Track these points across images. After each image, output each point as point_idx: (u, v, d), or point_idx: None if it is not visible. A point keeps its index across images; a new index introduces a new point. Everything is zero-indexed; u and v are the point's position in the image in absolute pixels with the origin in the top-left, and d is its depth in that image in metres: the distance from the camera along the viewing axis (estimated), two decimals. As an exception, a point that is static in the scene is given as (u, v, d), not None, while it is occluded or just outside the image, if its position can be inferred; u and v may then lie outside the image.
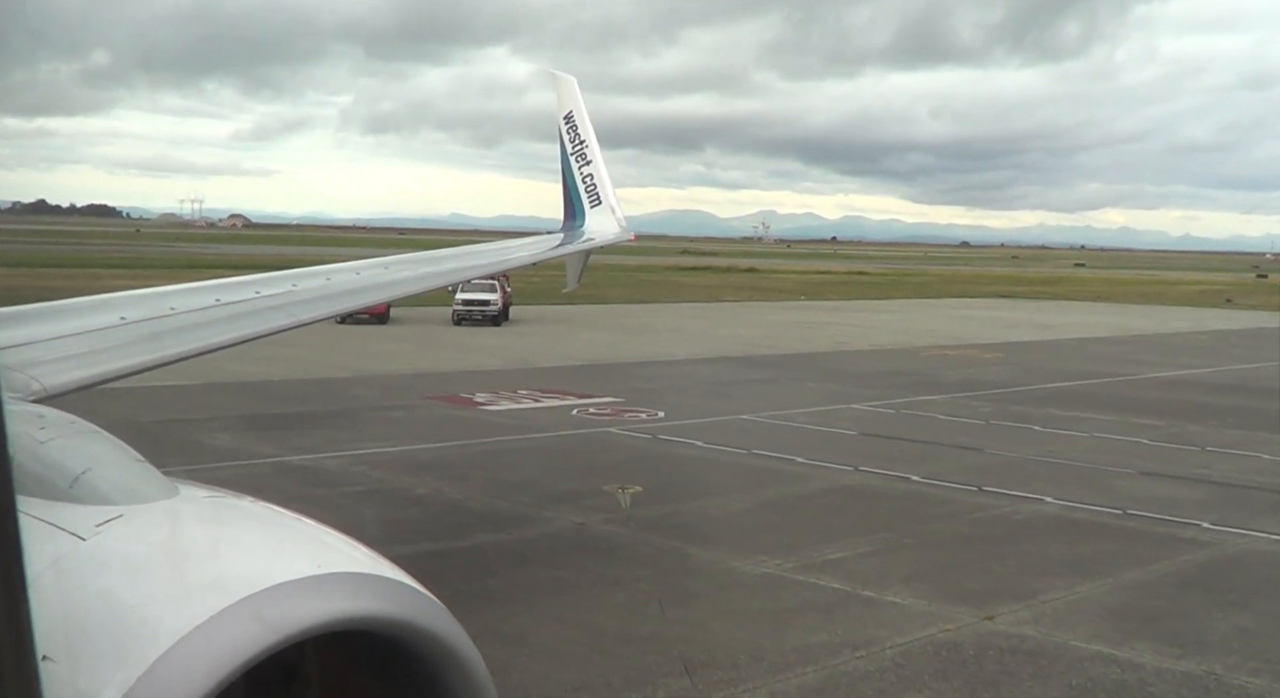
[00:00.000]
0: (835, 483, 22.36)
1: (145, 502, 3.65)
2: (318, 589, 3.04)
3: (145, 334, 8.83)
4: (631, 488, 21.13)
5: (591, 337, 53.96)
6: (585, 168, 21.83)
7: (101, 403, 27.86)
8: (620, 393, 34.11)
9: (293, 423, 27.46)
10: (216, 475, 21.06)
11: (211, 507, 3.81)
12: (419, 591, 3.30)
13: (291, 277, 11.95)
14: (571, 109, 22.48)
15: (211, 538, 3.56)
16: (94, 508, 3.56)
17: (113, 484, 3.75)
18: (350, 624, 3.05)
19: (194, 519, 3.66)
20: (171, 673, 2.76)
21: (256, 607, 2.92)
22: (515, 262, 20.51)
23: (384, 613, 3.10)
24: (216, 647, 2.82)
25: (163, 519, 3.55)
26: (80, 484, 3.73)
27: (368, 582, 3.18)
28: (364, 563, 3.31)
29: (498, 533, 17.92)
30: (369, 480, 21.40)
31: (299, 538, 3.57)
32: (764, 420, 30.00)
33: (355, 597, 3.07)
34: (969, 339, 58.47)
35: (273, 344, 43.28)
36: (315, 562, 3.16)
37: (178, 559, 3.31)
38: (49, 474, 3.78)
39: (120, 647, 2.84)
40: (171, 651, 2.80)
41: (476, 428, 27.61)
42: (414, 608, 3.21)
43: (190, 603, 2.93)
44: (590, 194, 21.63)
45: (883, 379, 39.83)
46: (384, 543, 13.30)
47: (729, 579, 15.81)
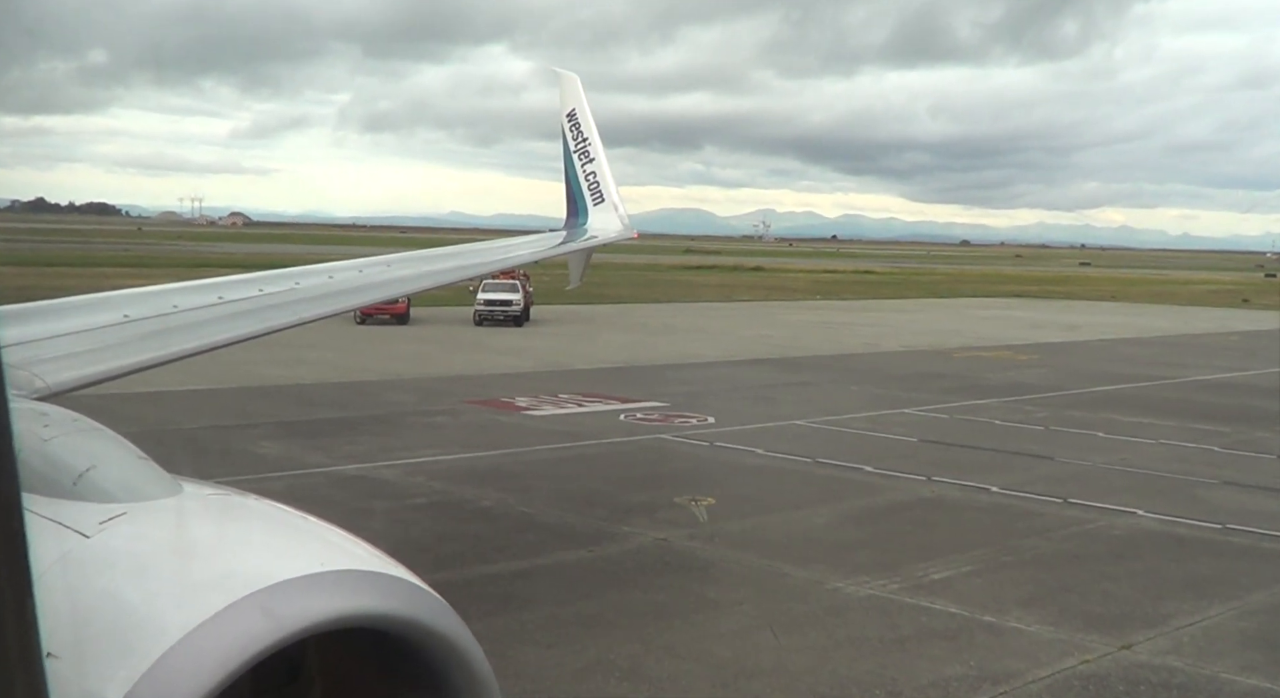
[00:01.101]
0: (913, 495, 21.43)
1: (149, 499, 3.61)
2: (322, 586, 3.01)
3: (148, 332, 8.82)
4: (705, 500, 20.21)
5: (616, 338, 53.01)
6: (588, 165, 21.77)
7: (138, 408, 27.15)
8: (662, 397, 33.20)
9: (336, 430, 26.51)
10: (270, 488, 20.14)
11: (215, 504, 3.77)
12: (423, 588, 3.28)
13: (294, 275, 11.86)
14: (574, 106, 22.38)
15: (215, 535, 3.52)
16: (98, 505, 3.53)
17: (116, 482, 3.71)
18: (354, 621, 3.02)
19: (198, 517, 3.64)
20: (175, 670, 2.73)
21: (260, 604, 2.90)
22: (518, 259, 20.20)
23: (388, 610, 3.08)
24: (220, 644, 2.80)
25: (166, 517, 3.53)
26: (84, 482, 3.70)
27: (372, 579, 3.16)
28: (368, 561, 3.29)
29: (579, 550, 16.98)
30: (430, 492, 20.45)
31: (303, 535, 3.54)
32: (818, 426, 29.07)
33: (359, 594, 3.05)
34: (998, 340, 57.56)
35: (298, 347, 42.74)
36: (319, 559, 3.13)
37: (181, 556, 3.28)
38: (53, 472, 3.74)
39: (124, 644, 2.82)
40: (175, 647, 2.77)
41: (525, 435, 26.67)
42: (418, 606, 3.18)
43: (194, 600, 2.91)
44: (593, 192, 21.58)
45: (924, 382, 38.91)
46: (465, 562, 12.35)
47: (835, 602, 14.87)
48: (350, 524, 14.86)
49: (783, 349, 49.45)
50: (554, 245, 20.77)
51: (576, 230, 21.29)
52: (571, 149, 22.12)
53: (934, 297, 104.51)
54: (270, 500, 3.85)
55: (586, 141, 22.00)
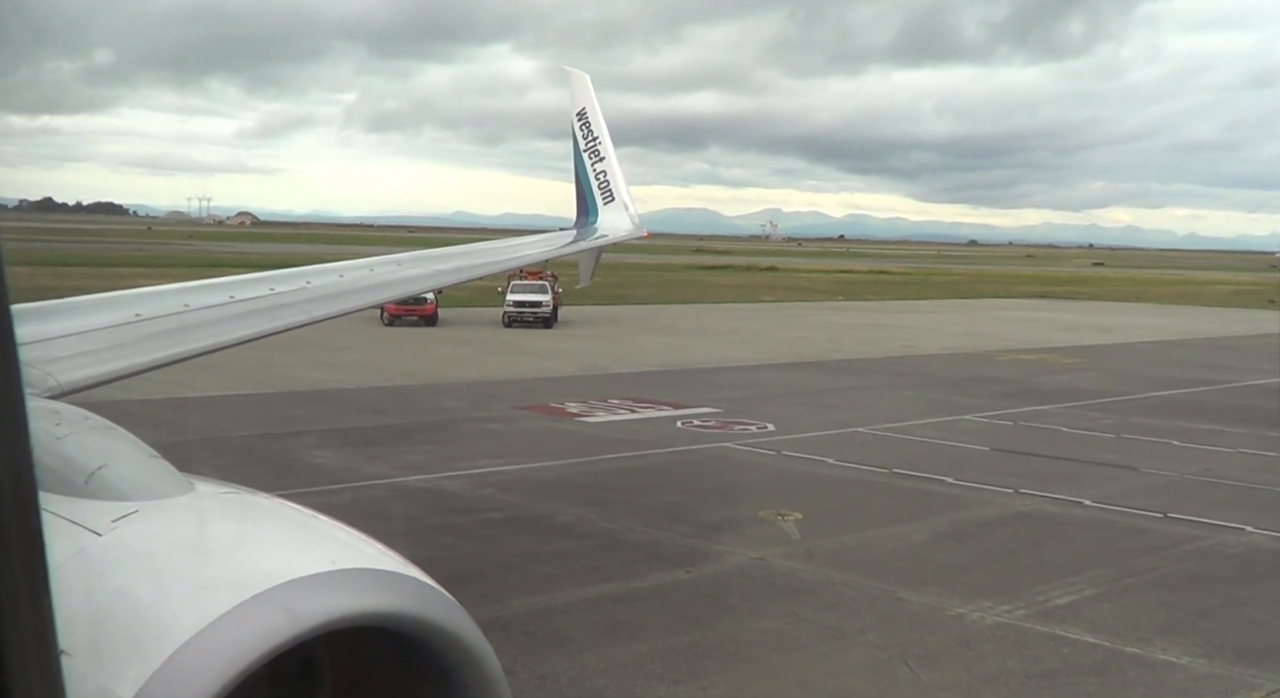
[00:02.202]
0: (1006, 509, 20.46)
1: (161, 498, 3.60)
2: (333, 585, 2.99)
3: (160, 331, 8.79)
4: (791, 515, 19.27)
5: (650, 340, 52.08)
6: (598, 164, 21.67)
7: (184, 415, 26.17)
8: (713, 402, 32.25)
9: (390, 438, 25.58)
10: (335, 501, 19.24)
11: (227, 503, 3.75)
12: (434, 587, 3.25)
13: (305, 274, 11.87)
14: (584, 105, 22.28)
15: (227, 534, 3.51)
16: (110, 504, 3.52)
17: (129, 480, 3.71)
18: (365, 620, 3.00)
19: (209, 515, 3.63)
20: (187, 668, 2.72)
21: (272, 602, 2.87)
22: (529, 258, 19.82)
23: (399, 609, 3.07)
24: (232, 642, 2.77)
25: (178, 515, 3.52)
26: (96, 480, 3.70)
27: (383, 578, 3.13)
28: (379, 559, 3.26)
29: (675, 571, 16.03)
30: (503, 506, 19.52)
31: (314, 534, 3.51)
32: (882, 434, 28.11)
33: (370, 592, 3.04)
34: (1036, 343, 56.54)
35: (332, 349, 41.88)
36: (330, 558, 3.11)
37: (193, 555, 3.26)
38: (65, 470, 3.73)
39: (136, 641, 2.80)
40: (187, 645, 2.76)
41: (585, 443, 25.73)
42: (429, 604, 3.16)
43: (206, 598, 2.88)
44: (603, 191, 21.47)
45: (976, 387, 37.93)
46: (559, 584, 11.40)
47: (964, 631, 13.90)
48: (431, 543, 13.68)
49: (821, 352, 48.48)
50: (564, 244, 20.69)
51: (587, 229, 21.17)
52: (582, 148, 22.01)
53: (956, 297, 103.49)
54: (281, 499, 3.78)
55: (597, 140, 21.91)
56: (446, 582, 11.76)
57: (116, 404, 25.92)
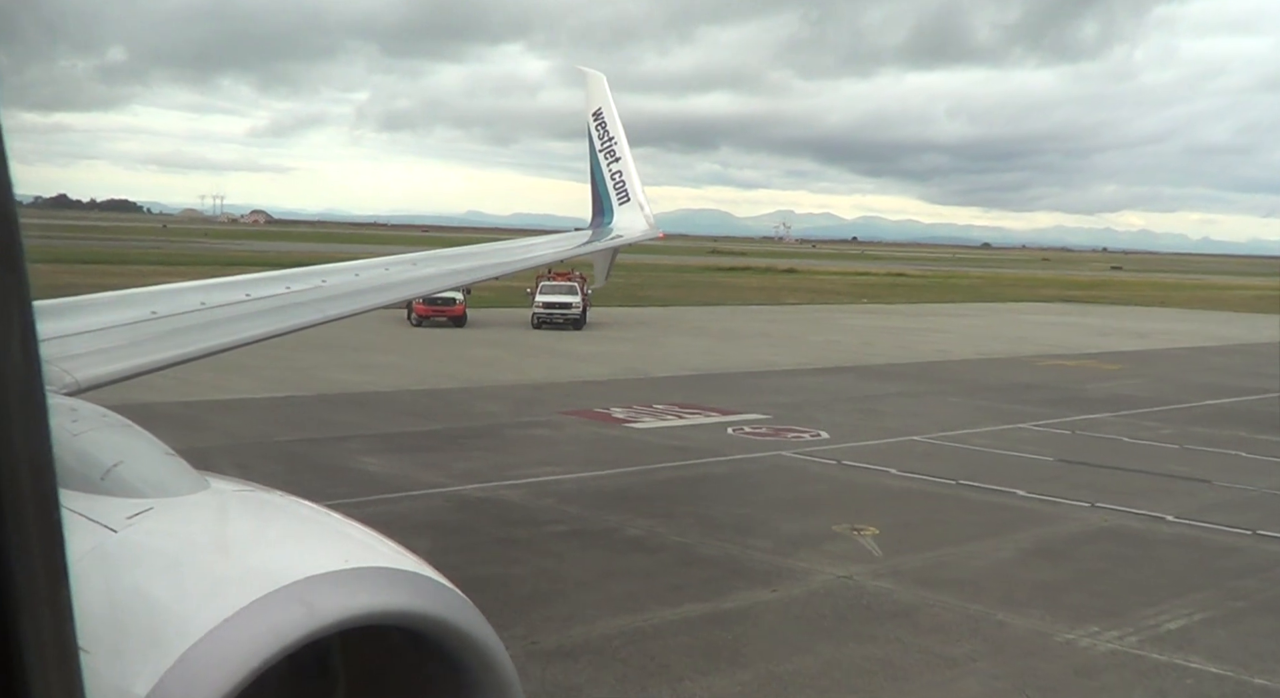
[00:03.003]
0: (1088, 524, 19.68)
1: (176, 495, 3.60)
2: (347, 583, 2.97)
3: (177, 329, 8.83)
4: (867, 529, 18.53)
5: (682, 343, 51.32)
6: (614, 165, 21.66)
7: (222, 417, 25.48)
8: (759, 408, 31.51)
9: (437, 443, 24.88)
10: (393, 511, 18.56)
11: (241, 501, 3.72)
12: (447, 586, 3.22)
13: (320, 272, 11.95)
14: (600, 106, 22.28)
15: (241, 532, 3.48)
16: (125, 501, 3.53)
17: (144, 477, 3.71)
18: (380, 619, 2.98)
19: (224, 513, 3.62)
20: (201, 665, 2.72)
21: (285, 600, 2.86)
22: (544, 258, 19.87)
23: (413, 608, 3.04)
24: (245, 640, 2.77)
25: (193, 513, 3.52)
26: (112, 477, 3.70)
27: (396, 576, 3.10)
28: (392, 558, 3.21)
29: (761, 589, 15.29)
30: (567, 518, 18.79)
31: (328, 532, 3.46)
32: (940, 443, 27.33)
33: (384, 591, 3.01)
34: (1072, 348, 55.66)
35: (364, 350, 41.17)
36: (344, 556, 3.10)
37: (207, 552, 3.25)
38: (81, 467, 3.72)
39: (151, 638, 2.80)
40: (201, 643, 2.76)
41: (638, 450, 24.99)
42: (443, 604, 3.13)
43: (220, 596, 2.88)
44: (619, 191, 21.47)
45: (1023, 393, 37.12)
46: (642, 604, 10.58)
47: (1079, 659, 13.13)
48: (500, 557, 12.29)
49: (858, 357, 47.68)
50: (580, 244, 20.59)
51: (602, 229, 21.13)
52: (597, 148, 21.97)
53: (979, 301, 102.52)
54: (295, 497, 3.73)
55: (612, 141, 21.88)
56: (525, 601, 11.04)
57: (151, 406, 25.27)
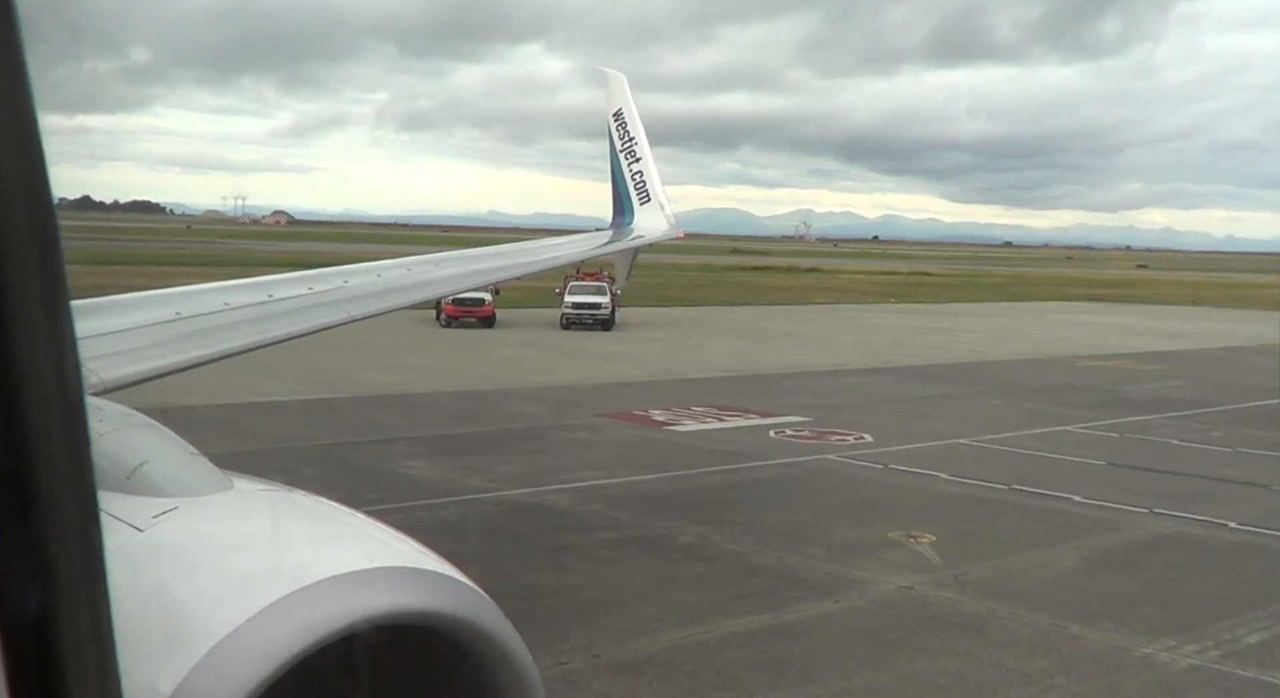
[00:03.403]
0: (1149, 532, 19.18)
1: (200, 494, 3.63)
2: (370, 583, 2.98)
3: (200, 329, 8.85)
4: (924, 537, 18.09)
5: (714, 343, 50.91)
6: (634, 165, 21.68)
7: (260, 420, 25.18)
8: (800, 410, 31.08)
9: (478, 447, 24.54)
10: (441, 516, 18.24)
11: (265, 500, 3.77)
12: (469, 586, 3.20)
13: (343, 273, 11.95)
14: (621, 106, 22.30)
15: (265, 531, 3.50)
16: (151, 500, 3.53)
17: (169, 477, 3.73)
18: (402, 618, 2.99)
19: (248, 512, 3.65)
20: (225, 663, 2.73)
21: (309, 599, 2.87)
22: (566, 258, 19.82)
23: (435, 607, 3.04)
24: (269, 638, 2.78)
25: (217, 512, 3.55)
26: (137, 476, 3.70)
27: (419, 576, 3.11)
28: (415, 558, 3.22)
29: (824, 600, 14.87)
30: (617, 524, 18.41)
31: (351, 532, 3.50)
32: (987, 446, 26.85)
33: (407, 591, 3.02)
34: (1107, 348, 54.99)
35: (396, 351, 40.93)
36: (367, 555, 3.11)
37: (232, 551, 3.28)
38: (107, 466, 3.68)
39: (175, 636, 2.81)
40: (225, 641, 2.76)
41: (682, 454, 24.59)
42: (465, 603, 3.12)
43: (244, 595, 2.89)
44: (639, 191, 21.49)
45: (1064, 395, 36.56)
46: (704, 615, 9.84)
47: (1161, 676, 12.67)
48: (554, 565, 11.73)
49: (892, 357, 47.16)
50: (600, 244, 20.67)
51: (623, 229, 21.14)
52: (618, 148, 21.99)
53: (1007, 300, 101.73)
54: (318, 497, 3.74)
55: (633, 141, 21.88)
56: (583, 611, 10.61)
57: (188, 410, 24.94)
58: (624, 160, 21.87)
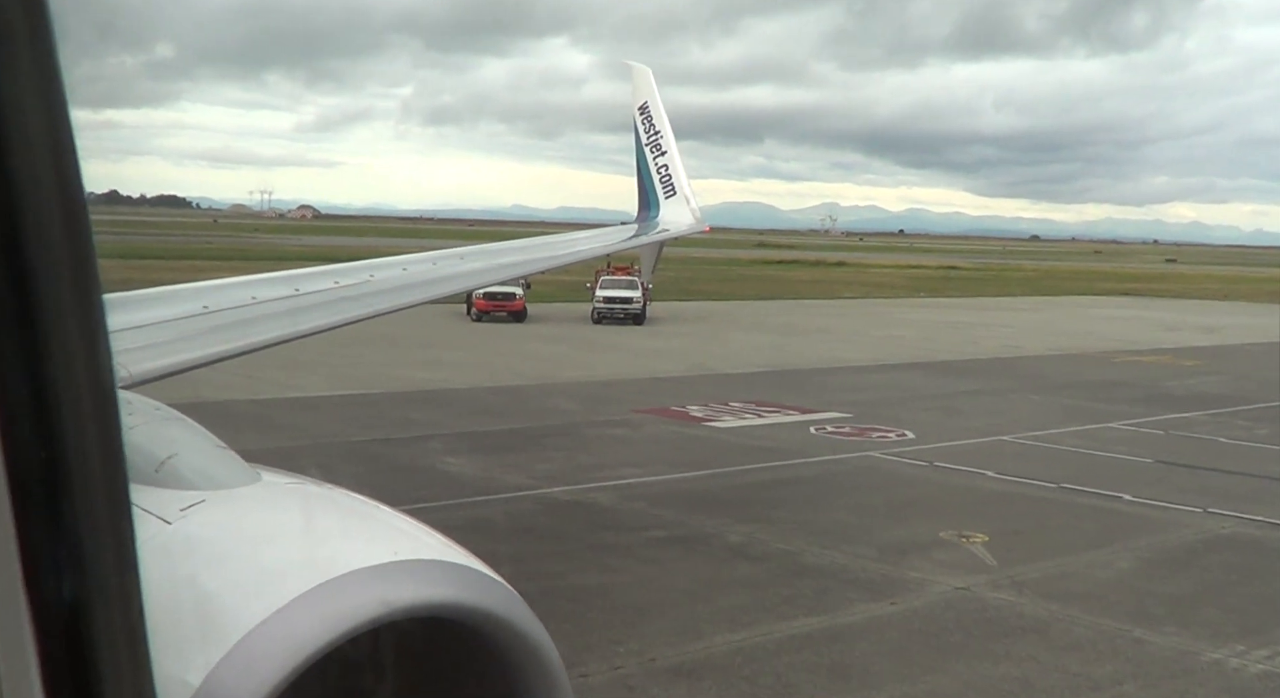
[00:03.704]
0: (1204, 531, 18.80)
1: (228, 487, 3.62)
2: (396, 576, 2.98)
3: (228, 323, 8.87)
4: (976, 537, 17.76)
5: (746, 338, 50.57)
6: (660, 158, 21.64)
7: (295, 416, 24.99)
8: (838, 406, 30.74)
9: (517, 443, 24.32)
10: (483, 515, 18.04)
11: (292, 493, 3.79)
12: (495, 579, 3.19)
13: (369, 267, 11.97)
14: (647, 100, 22.29)
15: (292, 524, 3.54)
16: (179, 493, 3.53)
17: (197, 470, 3.73)
18: (428, 610, 2.99)
19: (275, 505, 3.66)
20: (253, 655, 2.74)
21: (336, 591, 2.88)
22: (590, 252, 19.81)
23: (461, 600, 3.04)
24: (296, 631, 2.79)
25: (245, 505, 3.55)
26: (166, 469, 3.70)
27: (445, 569, 3.11)
28: (441, 551, 3.22)
29: (879, 602, 14.57)
30: (662, 523, 18.14)
31: (377, 525, 3.50)
32: (1031, 443, 26.46)
33: (433, 584, 3.02)
34: (1143, 343, 54.39)
35: (429, 347, 40.78)
36: (393, 548, 3.11)
37: (259, 544, 3.29)
38: (136, 459, 3.59)
39: (204, 628, 2.83)
40: (253, 633, 2.77)
41: (723, 451, 24.31)
42: (491, 596, 3.11)
43: (271, 587, 2.90)
44: (665, 185, 21.45)
45: (1104, 391, 36.07)
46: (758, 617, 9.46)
47: (1232, 683, 12.33)
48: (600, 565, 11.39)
49: (926, 352, 46.72)
50: (627, 238, 20.72)
51: (648, 223, 21.08)
52: (644, 142, 21.96)
53: (1038, 295, 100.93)
54: (345, 490, 3.73)
55: (659, 134, 21.87)
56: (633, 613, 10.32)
57: (223, 405, 24.79)
58: (649, 154, 21.85)
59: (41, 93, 1.42)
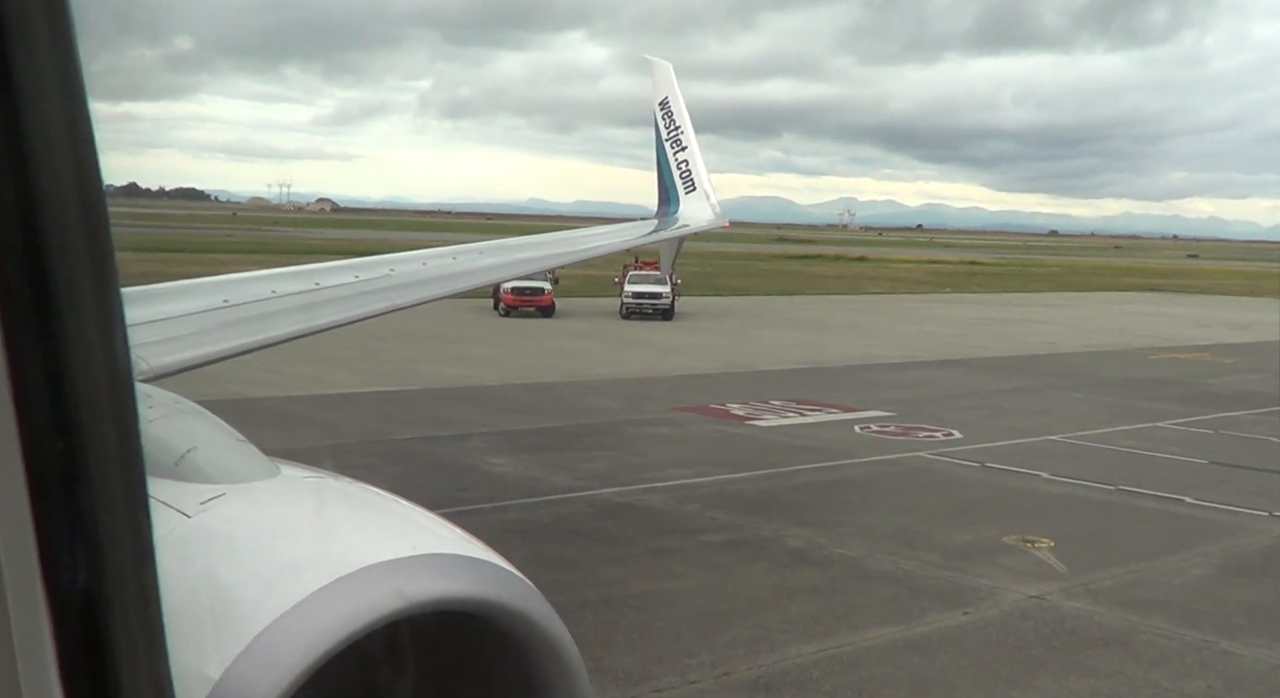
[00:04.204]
0: (1275, 536, 18.26)
1: (248, 481, 3.61)
2: (415, 569, 2.97)
3: (248, 317, 8.86)
4: (1041, 542, 17.26)
5: (776, 334, 50.06)
6: (680, 154, 21.58)
7: (332, 413, 24.57)
8: (880, 405, 30.24)
9: (560, 442, 23.88)
10: (534, 518, 17.65)
11: (311, 487, 3.76)
12: (514, 573, 3.17)
13: (388, 261, 11.95)
14: (667, 95, 22.20)
15: (311, 518, 3.52)
16: (198, 486, 3.53)
17: (216, 463, 3.72)
18: (445, 605, 2.98)
19: (294, 499, 3.64)
20: (273, 648, 2.74)
21: (355, 585, 2.87)
22: (611, 247, 19.64)
23: (479, 594, 3.03)
24: (314, 625, 2.79)
25: (264, 499, 3.53)
26: (185, 463, 3.69)
27: (463, 563, 3.09)
28: (459, 545, 3.20)
29: (952, 611, 14.08)
30: (718, 526, 17.68)
31: (396, 519, 3.50)
32: (1081, 443, 25.91)
33: (451, 578, 3.01)
34: (1178, 340, 53.73)
35: (457, 342, 40.37)
36: (411, 542, 3.10)
37: (278, 538, 3.30)
38: (156, 452, 3.63)
39: (223, 621, 2.83)
40: (271, 627, 2.77)
41: (767, 450, 23.82)
42: (509, 590, 3.10)
43: (290, 581, 2.90)
44: (685, 180, 21.37)
45: (1149, 389, 35.46)
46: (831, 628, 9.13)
47: (1333, 698, 11.82)
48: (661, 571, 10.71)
49: (960, 349, 46.15)
50: (646, 233, 20.70)
51: (668, 218, 21.03)
52: (664, 137, 21.88)
53: (1063, 290, 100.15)
54: (364, 484, 3.71)
55: (679, 130, 21.78)
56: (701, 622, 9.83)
57: (257, 402, 24.36)
58: (670, 149, 21.81)
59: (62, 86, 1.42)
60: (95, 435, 1.52)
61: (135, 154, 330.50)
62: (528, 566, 3.34)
